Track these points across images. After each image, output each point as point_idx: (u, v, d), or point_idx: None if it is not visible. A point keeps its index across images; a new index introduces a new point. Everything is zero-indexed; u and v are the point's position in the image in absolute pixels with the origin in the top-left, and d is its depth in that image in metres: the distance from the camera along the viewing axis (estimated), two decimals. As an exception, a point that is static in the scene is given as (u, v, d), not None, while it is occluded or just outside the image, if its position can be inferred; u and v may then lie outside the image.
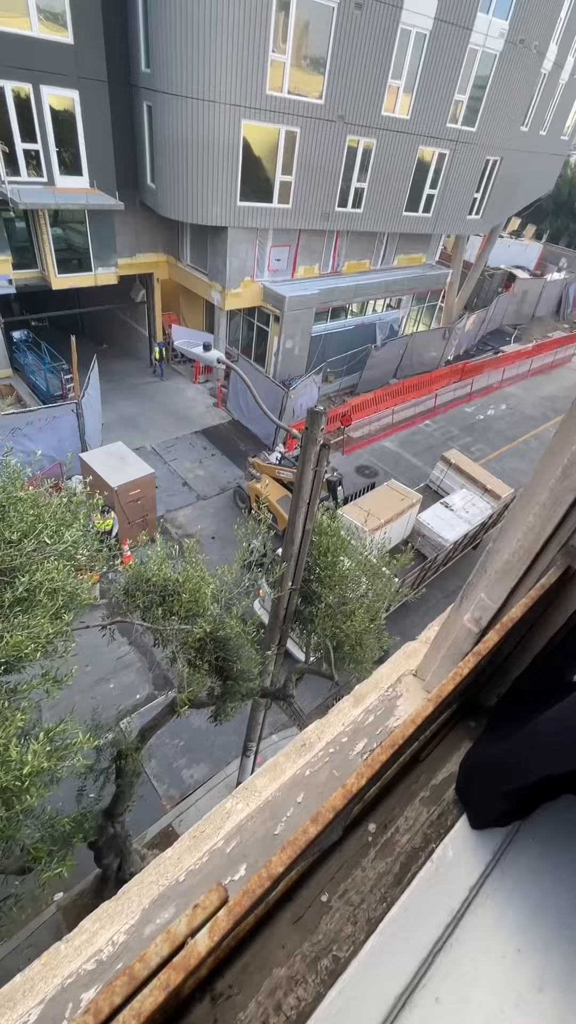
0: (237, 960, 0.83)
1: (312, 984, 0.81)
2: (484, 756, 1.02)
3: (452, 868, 0.95)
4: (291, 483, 13.53)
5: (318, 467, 5.64)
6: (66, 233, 15.77)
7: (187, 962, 0.46)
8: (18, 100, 13.55)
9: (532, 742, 0.85)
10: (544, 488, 0.90)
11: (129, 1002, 0.43)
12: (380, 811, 1.03)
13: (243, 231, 17.36)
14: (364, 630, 6.70)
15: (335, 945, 0.85)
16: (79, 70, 14.00)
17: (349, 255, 21.32)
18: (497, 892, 0.93)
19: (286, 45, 14.48)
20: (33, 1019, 0.85)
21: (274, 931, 0.86)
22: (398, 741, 0.66)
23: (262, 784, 1.22)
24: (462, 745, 1.15)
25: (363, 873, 0.94)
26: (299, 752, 1.28)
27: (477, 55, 18.22)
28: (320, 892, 0.91)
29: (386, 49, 16.13)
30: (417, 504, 13.40)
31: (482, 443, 20.85)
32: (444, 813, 1.03)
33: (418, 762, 1.12)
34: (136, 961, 0.45)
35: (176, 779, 9.49)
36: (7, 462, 4.37)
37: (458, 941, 0.87)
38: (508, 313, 31.14)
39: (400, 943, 0.86)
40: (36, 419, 13.16)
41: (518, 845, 0.99)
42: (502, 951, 0.87)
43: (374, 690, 1.39)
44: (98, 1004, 0.43)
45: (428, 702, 0.71)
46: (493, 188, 22.89)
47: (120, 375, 20.88)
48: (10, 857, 4.56)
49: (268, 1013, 0.77)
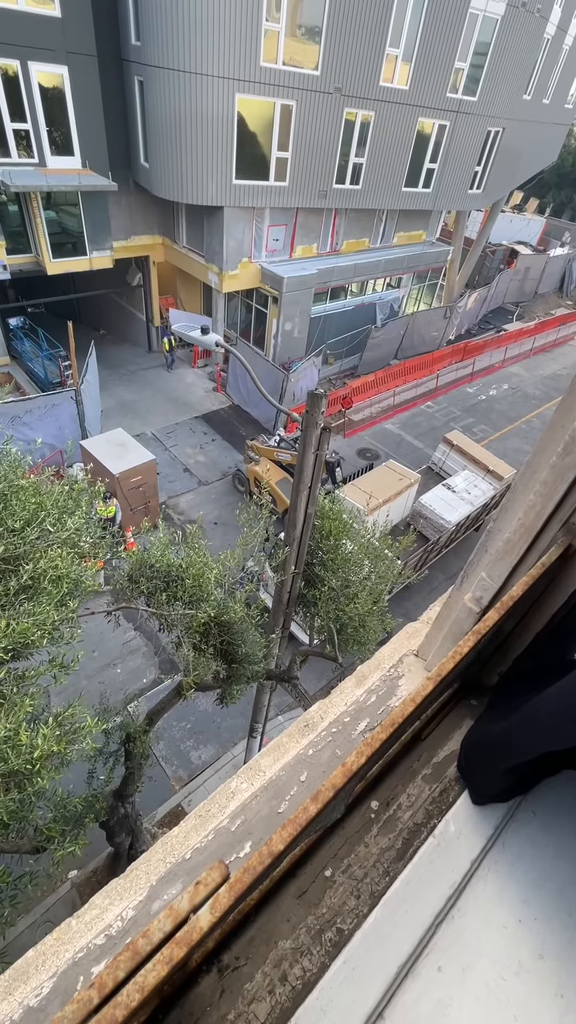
0: (243, 933, 0.85)
1: (317, 955, 0.83)
2: (485, 734, 1.03)
3: (454, 843, 0.97)
4: (290, 465, 13.51)
5: (319, 450, 5.61)
6: (59, 216, 15.49)
7: (189, 937, 0.47)
8: (6, 78, 13.19)
9: (533, 719, 0.85)
10: (545, 465, 0.89)
11: (133, 976, 0.44)
12: (382, 789, 1.04)
13: (239, 211, 17.02)
14: (367, 612, 6.74)
15: (339, 918, 0.87)
16: (67, 44, 13.60)
17: (348, 233, 20.92)
18: (499, 865, 0.95)
19: (280, 13, 14.01)
20: (46, 992, 0.87)
21: (279, 905, 0.88)
22: (397, 720, 0.66)
23: (266, 764, 1.24)
24: (464, 723, 1.16)
25: (366, 849, 0.96)
26: (302, 732, 1.29)
27: (478, 20, 17.61)
28: (324, 867, 0.93)
29: (384, 15, 15.60)
30: (416, 484, 13.40)
31: (484, 424, 20.70)
32: (446, 790, 1.05)
33: (420, 740, 1.13)
34: (139, 936, 0.46)
35: (184, 760, 9.66)
36: (7, 450, 4.37)
37: (460, 913, 0.89)
38: (510, 291, 30.63)
39: (403, 915, 0.88)
40: (35, 407, 13.09)
41: (519, 819, 1.01)
42: (504, 922, 0.89)
43: (376, 670, 1.40)
44: (103, 978, 0.44)
45: (427, 681, 0.72)
46: (495, 160, 22.33)
47: (119, 361, 20.70)
48: (24, 837, 4.67)
49: (274, 983, 0.79)
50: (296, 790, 1.10)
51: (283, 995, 0.78)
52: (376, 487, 12.52)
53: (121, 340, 22.28)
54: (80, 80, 14.23)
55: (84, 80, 14.31)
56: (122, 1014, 0.41)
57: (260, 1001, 0.78)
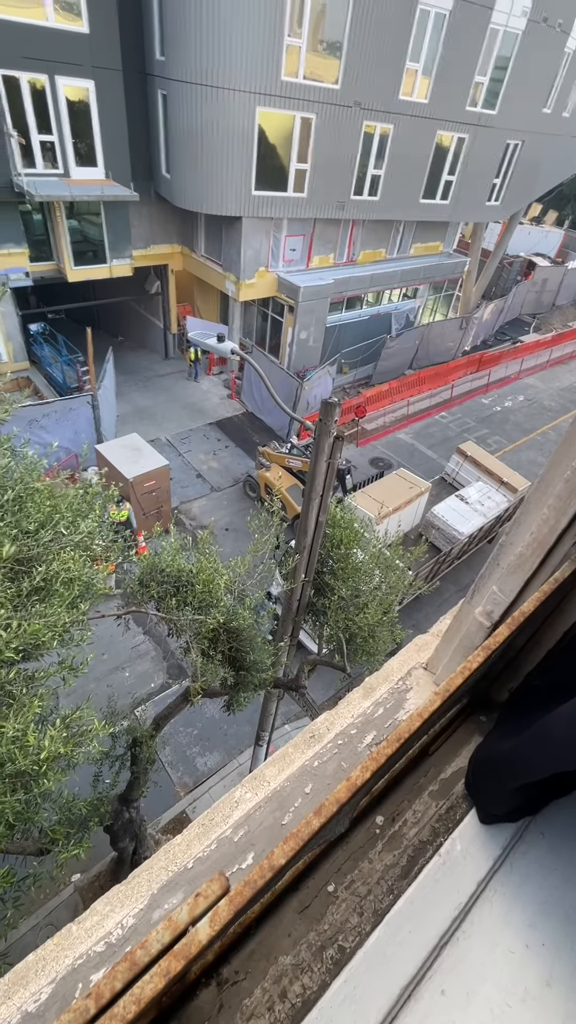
0: (243, 947, 0.84)
1: (318, 973, 0.81)
2: (494, 751, 1.01)
3: (460, 862, 0.95)
4: (300, 472, 13.55)
5: (332, 459, 5.61)
6: (81, 225, 15.81)
7: (188, 950, 0.46)
8: (34, 91, 13.56)
9: (543, 739, 0.84)
10: (559, 479, 0.88)
11: (130, 988, 0.44)
12: (388, 804, 1.02)
13: (258, 221, 17.22)
14: (377, 622, 6.68)
15: (341, 935, 0.85)
16: (94, 59, 13.95)
17: (365, 244, 21.03)
18: (506, 887, 0.92)
19: (302, 29, 14.23)
20: (44, 998, 0.87)
21: (280, 919, 0.87)
22: (404, 735, 0.65)
23: (271, 774, 1.23)
24: (472, 740, 1.14)
25: (370, 865, 0.94)
26: (308, 743, 1.28)
27: (499, 35, 17.71)
28: (327, 882, 0.92)
29: (404, 31, 15.77)
30: (426, 492, 13.33)
31: (499, 435, 20.54)
32: (453, 807, 1.03)
33: (427, 756, 1.12)
34: (137, 947, 0.46)
35: (190, 767, 9.63)
36: (24, 453, 4.42)
37: (465, 935, 0.87)
38: (527, 302, 30.49)
39: (406, 935, 0.86)
40: (52, 411, 13.29)
41: (528, 841, 0.98)
42: (510, 946, 0.86)
43: (384, 682, 1.38)
44: (99, 988, 0.43)
45: (435, 696, 0.70)
46: (513, 173, 22.34)
47: (135, 367, 20.96)
48: (29, 839, 4.68)
49: (273, 1000, 0.78)
50: (300, 802, 1.09)
51: (282, 1012, 0.77)
52: (386, 495, 12.49)
53: (138, 347, 22.57)
54: (105, 93, 14.58)
55: (109, 93, 14.65)
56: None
57: (259, 1018, 0.77)
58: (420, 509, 13.54)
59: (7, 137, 13.42)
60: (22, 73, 13.18)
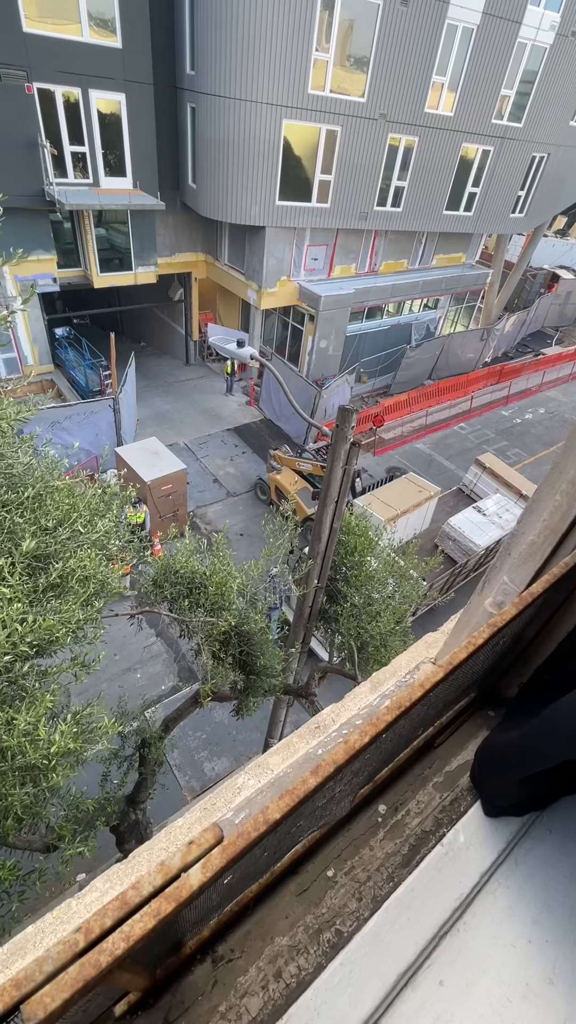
0: (240, 926, 0.83)
1: (314, 955, 0.80)
2: (500, 741, 0.99)
3: (463, 853, 0.93)
4: (311, 475, 13.64)
5: (348, 465, 5.60)
6: (109, 233, 16.18)
7: (179, 893, 0.46)
8: (67, 104, 13.99)
9: (552, 725, 0.82)
10: (572, 465, 0.87)
11: (120, 926, 0.44)
12: (391, 793, 1.01)
13: (281, 230, 17.42)
14: (389, 632, 6.62)
15: (339, 919, 0.84)
16: (126, 73, 14.36)
17: (387, 255, 21.11)
18: (510, 881, 0.90)
19: (329, 44, 14.45)
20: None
21: (278, 901, 0.86)
22: (404, 703, 0.65)
23: (275, 762, 1.22)
24: (479, 734, 1.12)
25: (371, 852, 0.93)
26: (312, 733, 1.27)
27: (526, 49, 17.75)
28: (326, 867, 0.91)
29: (431, 45, 15.91)
30: (435, 497, 13.38)
31: (518, 447, 20.29)
32: (457, 799, 1.01)
33: (433, 748, 1.10)
34: (129, 887, 0.46)
35: (198, 771, 9.60)
36: (46, 453, 4.51)
37: (466, 926, 0.85)
38: (550, 314, 30.20)
39: (405, 922, 0.84)
40: (75, 413, 13.54)
41: (534, 836, 0.96)
42: (512, 940, 0.84)
43: (391, 676, 1.37)
44: (90, 924, 0.44)
45: (438, 668, 0.70)
46: (538, 185, 22.25)
47: (156, 372, 21.27)
48: (36, 834, 4.70)
49: (268, 979, 0.77)
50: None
51: (277, 992, 0.76)
52: (396, 498, 12.59)
53: (160, 352, 22.91)
54: (136, 106, 14.97)
55: (140, 106, 15.04)
56: (106, 960, 0.41)
57: (253, 995, 0.76)
58: (429, 513, 13.66)
59: (41, 148, 13.84)
60: (57, 87, 13.62)
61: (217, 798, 1.19)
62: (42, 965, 0.39)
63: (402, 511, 12.27)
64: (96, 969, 0.40)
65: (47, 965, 0.40)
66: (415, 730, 0.96)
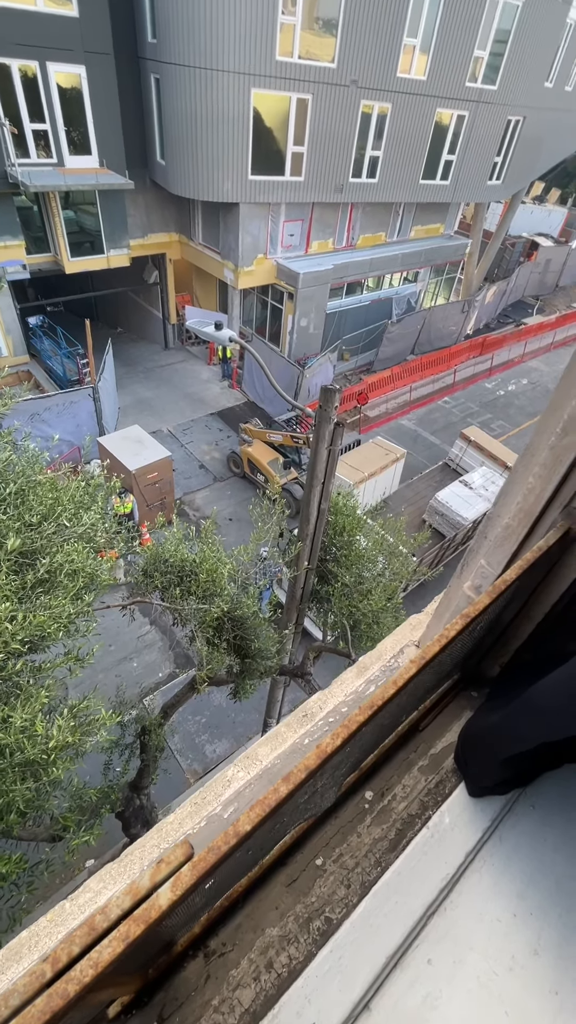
0: (231, 920, 0.84)
1: (304, 943, 0.82)
2: (483, 724, 1.00)
3: (449, 834, 0.94)
4: (281, 446, 14.07)
5: (332, 446, 5.58)
6: (77, 215, 15.66)
7: (148, 915, 0.46)
8: (25, 79, 13.36)
9: (529, 709, 0.83)
10: (544, 446, 0.86)
11: (87, 952, 0.44)
12: (377, 779, 1.02)
13: (255, 207, 16.99)
14: (381, 609, 6.69)
15: (328, 907, 0.86)
16: (85, 44, 13.71)
17: (364, 228, 20.73)
18: (494, 858, 0.92)
19: (296, 7, 13.91)
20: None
21: (268, 893, 0.87)
22: (376, 703, 0.64)
23: (263, 753, 1.23)
24: (463, 715, 1.13)
25: (359, 839, 0.94)
26: (300, 722, 1.28)
27: (498, 7, 17.24)
28: (315, 856, 0.92)
29: (401, 5, 15.37)
30: (402, 458, 13.85)
31: (502, 419, 20.36)
32: (442, 781, 1.03)
33: (418, 732, 1.11)
34: (97, 913, 0.46)
35: (199, 754, 9.74)
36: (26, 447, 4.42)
37: (453, 905, 0.87)
38: (530, 283, 30.02)
39: (393, 906, 0.86)
40: (54, 404, 13.28)
41: (517, 813, 0.98)
42: (497, 915, 0.86)
43: (377, 661, 1.38)
44: (56, 953, 0.43)
45: (411, 664, 0.70)
46: (515, 151, 21.87)
47: (135, 358, 20.88)
48: (41, 825, 4.76)
49: (260, 970, 0.79)
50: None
51: (268, 982, 0.78)
52: (362, 462, 12.90)
53: (138, 338, 22.46)
54: (97, 79, 14.34)
55: (101, 79, 14.41)
56: (74, 989, 0.41)
57: (245, 987, 0.77)
58: (397, 475, 14.13)
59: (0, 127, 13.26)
60: (13, 60, 12.99)
61: (207, 791, 1.20)
62: (7, 999, 0.39)
63: (369, 473, 12.64)
64: (64, 999, 0.40)
65: (13, 999, 0.39)
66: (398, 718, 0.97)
